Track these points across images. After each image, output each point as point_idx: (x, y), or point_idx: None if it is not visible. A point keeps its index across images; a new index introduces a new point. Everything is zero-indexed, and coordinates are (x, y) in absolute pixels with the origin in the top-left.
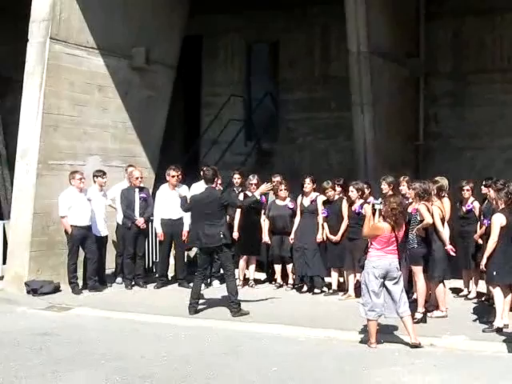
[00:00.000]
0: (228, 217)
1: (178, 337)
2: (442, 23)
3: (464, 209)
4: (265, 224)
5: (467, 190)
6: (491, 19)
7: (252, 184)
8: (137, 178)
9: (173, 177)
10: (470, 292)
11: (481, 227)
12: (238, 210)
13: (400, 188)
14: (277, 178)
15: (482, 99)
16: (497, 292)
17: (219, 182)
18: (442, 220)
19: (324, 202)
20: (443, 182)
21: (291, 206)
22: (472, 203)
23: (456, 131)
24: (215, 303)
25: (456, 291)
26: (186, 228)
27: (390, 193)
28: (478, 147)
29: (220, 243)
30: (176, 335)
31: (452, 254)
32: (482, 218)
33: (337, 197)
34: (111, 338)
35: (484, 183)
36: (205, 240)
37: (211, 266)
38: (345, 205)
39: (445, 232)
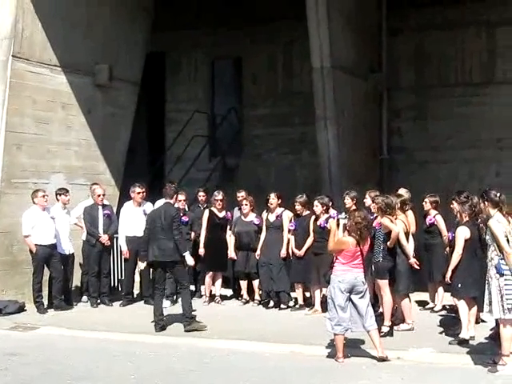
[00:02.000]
0: (193, 233)
1: (146, 354)
2: (404, 38)
3: (427, 222)
4: (231, 240)
5: (425, 202)
6: (452, 33)
7: (217, 200)
8: (98, 196)
9: (138, 194)
10: (435, 305)
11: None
12: (204, 226)
13: (364, 201)
14: (241, 194)
15: (444, 112)
16: (461, 305)
17: (183, 198)
18: (406, 234)
19: (294, 216)
20: (406, 195)
21: (257, 222)
22: (434, 217)
23: (419, 144)
24: (181, 320)
25: (422, 304)
26: None
27: (354, 207)
28: (441, 160)
29: (171, 259)
30: (143, 353)
31: (416, 267)
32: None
33: (307, 212)
34: (78, 357)
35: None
36: (158, 254)
37: (177, 282)
38: (312, 221)
39: (409, 245)
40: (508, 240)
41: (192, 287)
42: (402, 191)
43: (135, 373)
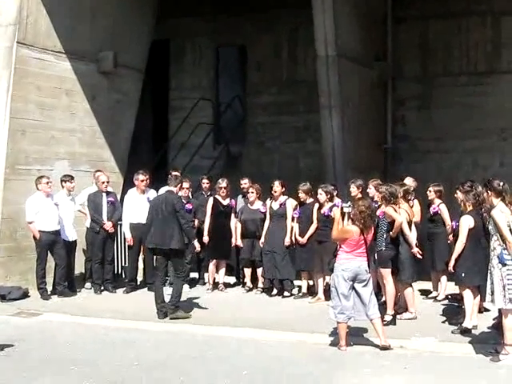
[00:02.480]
0: (197, 221)
1: (148, 342)
2: (409, 27)
3: (431, 211)
4: (236, 227)
5: (429, 191)
6: (457, 23)
7: (221, 188)
8: (103, 183)
9: (141, 181)
10: (438, 294)
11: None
12: (208, 214)
13: (368, 191)
14: (244, 181)
15: (448, 102)
16: (466, 293)
17: (187, 186)
18: (409, 223)
19: (298, 204)
20: (413, 184)
21: (263, 210)
22: (438, 206)
23: (423, 134)
24: (184, 307)
25: (425, 293)
26: None
27: (359, 196)
28: (445, 150)
29: (171, 246)
30: (146, 340)
31: (419, 256)
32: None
33: (311, 200)
34: (81, 343)
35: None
36: (158, 241)
37: (174, 269)
38: (315, 209)
39: (412, 235)
40: (511, 230)
41: (195, 274)
42: (409, 180)
43: (137, 360)
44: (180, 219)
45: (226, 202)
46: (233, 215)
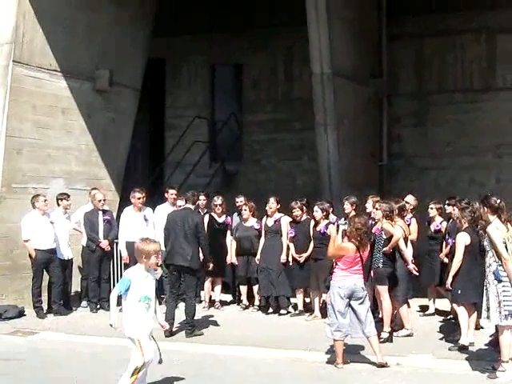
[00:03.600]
0: None
1: None
2: (404, 44)
3: (432, 228)
4: (232, 245)
5: (431, 209)
6: (452, 40)
7: (217, 205)
8: (99, 201)
9: (138, 199)
10: (435, 310)
11: (446, 246)
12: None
13: (365, 205)
14: (240, 199)
15: (443, 119)
16: (461, 310)
17: (183, 204)
18: (405, 239)
19: (292, 222)
20: (413, 202)
21: (257, 227)
22: (441, 223)
23: (419, 151)
24: (181, 326)
25: (422, 309)
26: None
27: (353, 213)
28: (440, 167)
29: (188, 264)
30: None
31: (415, 273)
32: (447, 237)
33: (305, 217)
34: (76, 362)
35: (447, 202)
36: (176, 258)
37: (185, 288)
38: (312, 226)
39: (408, 251)
40: (506, 246)
41: None
42: (410, 198)
43: None
44: (201, 240)
45: (221, 219)
46: (228, 232)
